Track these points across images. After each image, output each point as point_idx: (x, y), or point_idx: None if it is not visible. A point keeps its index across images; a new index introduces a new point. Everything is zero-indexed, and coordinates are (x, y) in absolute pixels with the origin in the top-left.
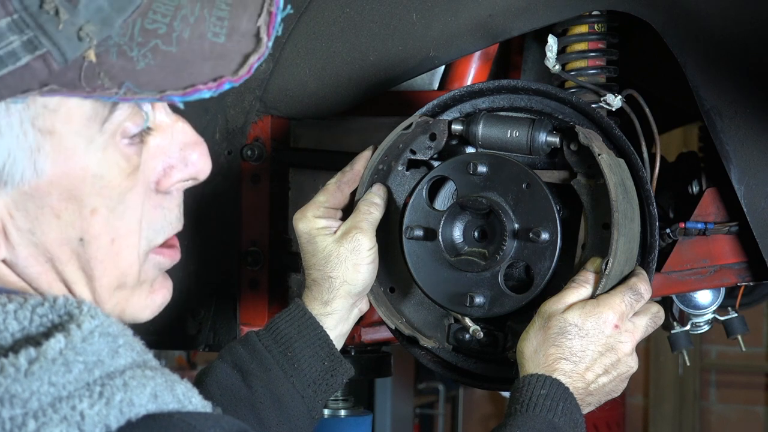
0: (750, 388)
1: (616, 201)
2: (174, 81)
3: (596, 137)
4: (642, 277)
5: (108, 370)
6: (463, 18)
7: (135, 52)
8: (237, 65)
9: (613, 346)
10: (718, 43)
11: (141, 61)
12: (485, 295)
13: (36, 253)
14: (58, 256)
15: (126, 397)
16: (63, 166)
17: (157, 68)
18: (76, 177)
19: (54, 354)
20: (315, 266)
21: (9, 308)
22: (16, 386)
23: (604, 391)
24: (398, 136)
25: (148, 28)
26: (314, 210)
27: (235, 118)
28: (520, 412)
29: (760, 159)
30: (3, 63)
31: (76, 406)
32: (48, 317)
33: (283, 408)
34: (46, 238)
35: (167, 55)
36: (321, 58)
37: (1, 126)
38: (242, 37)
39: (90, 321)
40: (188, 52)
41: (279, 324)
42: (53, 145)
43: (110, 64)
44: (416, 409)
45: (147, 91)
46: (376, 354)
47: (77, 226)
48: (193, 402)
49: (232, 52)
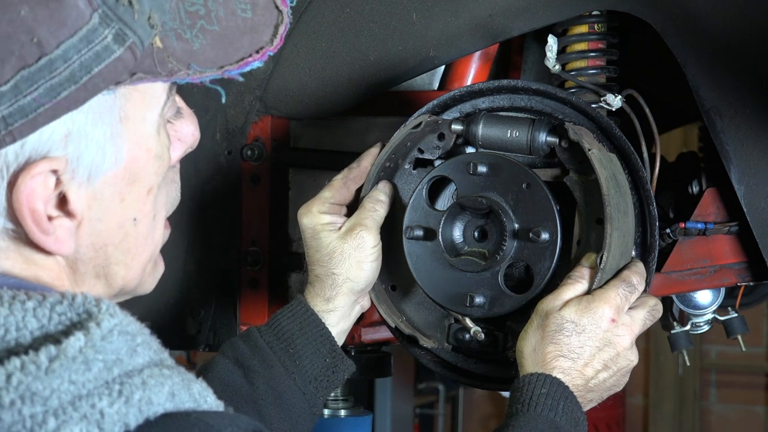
0: (750, 388)
1: (607, 195)
2: (225, 56)
3: (587, 133)
4: (634, 268)
5: (127, 368)
6: (463, 18)
7: (188, 34)
8: (270, 36)
9: (611, 341)
10: (718, 43)
11: (195, 41)
12: (485, 295)
13: (95, 240)
14: (112, 239)
15: (145, 396)
16: (135, 151)
17: (209, 47)
18: (141, 159)
19: (74, 352)
20: (318, 262)
21: (28, 306)
22: (37, 384)
23: (604, 387)
24: (407, 135)
25: (190, 10)
26: (319, 205)
27: (235, 118)
28: (521, 412)
29: (760, 159)
30: (100, 57)
31: (96, 404)
32: (67, 315)
33: (285, 404)
34: (109, 224)
35: (213, 33)
36: (321, 58)
37: (93, 120)
38: (264, 10)
39: (109, 319)
40: (227, 29)
41: (281, 320)
42: (129, 131)
43: (173, 48)
44: (416, 409)
45: (208, 68)
46: (376, 354)
47: (135, 207)
48: (208, 401)
49: (261, 25)
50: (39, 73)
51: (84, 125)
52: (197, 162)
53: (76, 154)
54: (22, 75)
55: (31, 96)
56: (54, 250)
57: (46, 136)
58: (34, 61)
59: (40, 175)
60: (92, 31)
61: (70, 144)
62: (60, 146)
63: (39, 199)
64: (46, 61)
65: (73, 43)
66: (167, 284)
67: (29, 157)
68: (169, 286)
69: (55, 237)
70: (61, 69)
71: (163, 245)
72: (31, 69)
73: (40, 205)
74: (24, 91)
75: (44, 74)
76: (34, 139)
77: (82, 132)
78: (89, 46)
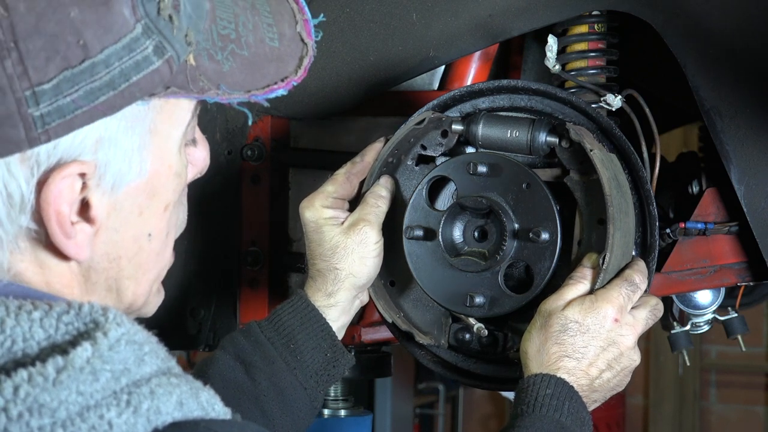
0: (750, 388)
1: (610, 196)
2: (253, 81)
3: (587, 133)
4: (636, 267)
5: (134, 378)
6: (463, 18)
7: (220, 55)
8: (295, 66)
9: (614, 340)
10: (718, 43)
11: (225, 63)
12: (485, 295)
13: (110, 250)
14: (126, 252)
15: (153, 405)
16: (158, 165)
17: (238, 70)
18: (163, 175)
19: (81, 363)
20: (321, 257)
21: (35, 316)
22: (45, 396)
23: (608, 387)
24: (410, 131)
25: (222, 33)
26: (322, 199)
27: (235, 118)
28: (526, 412)
29: (760, 159)
30: (140, 66)
31: (104, 414)
32: (74, 325)
33: (286, 399)
34: (125, 236)
35: (242, 58)
36: (321, 58)
37: (125, 128)
38: (291, 42)
39: (116, 329)
40: (256, 55)
41: (282, 315)
42: (155, 145)
43: (205, 67)
44: (416, 409)
45: (236, 91)
46: (376, 354)
47: (152, 222)
48: (216, 409)
49: (287, 55)
50: (81, 75)
51: (116, 132)
52: None
53: (105, 161)
54: (65, 75)
55: (70, 97)
56: (72, 254)
57: (79, 139)
58: (78, 62)
59: (69, 178)
60: (135, 41)
61: (101, 150)
62: (91, 151)
63: (65, 201)
64: (89, 64)
65: (116, 50)
66: (167, 284)
67: (61, 158)
68: (169, 286)
69: (75, 242)
70: (102, 74)
71: None
72: (74, 70)
73: (65, 207)
74: (65, 91)
75: (86, 77)
76: (67, 141)
77: (113, 139)
78: (131, 54)
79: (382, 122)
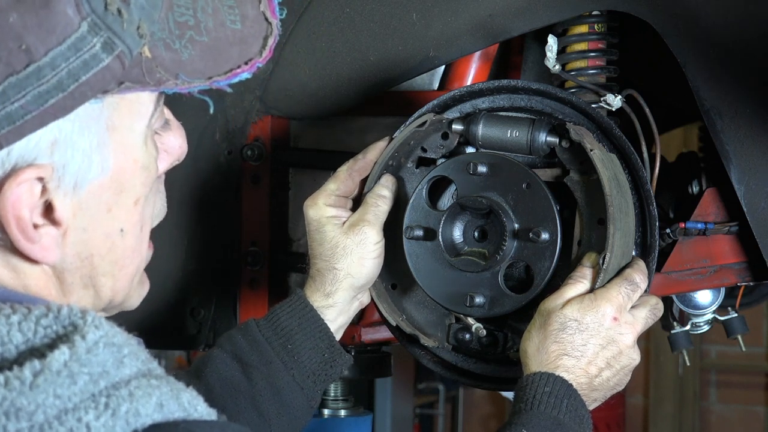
0: (750, 388)
1: (610, 196)
2: (214, 67)
3: (587, 133)
4: (636, 267)
5: (113, 380)
6: (463, 18)
7: (177, 44)
8: (259, 47)
9: (614, 339)
10: (718, 43)
11: (184, 52)
12: (485, 295)
13: (81, 250)
14: (99, 250)
15: (132, 408)
16: (121, 161)
17: (197, 57)
18: (128, 170)
19: (59, 366)
20: (321, 256)
21: (13, 320)
22: (22, 399)
23: (608, 386)
24: (411, 133)
25: (179, 21)
26: (325, 198)
27: (235, 118)
28: (524, 410)
29: (760, 159)
30: (88, 65)
31: (82, 417)
32: (52, 328)
33: (283, 400)
34: (95, 234)
35: (202, 44)
36: (321, 58)
37: (80, 128)
38: (254, 22)
39: (95, 331)
40: (216, 40)
41: (280, 315)
42: (115, 141)
43: (162, 58)
44: (416, 409)
45: (196, 79)
46: (376, 354)
47: (122, 217)
48: (199, 410)
49: (250, 37)
50: (27, 80)
51: (71, 134)
52: (197, 162)
53: (62, 162)
54: (9, 81)
55: (18, 103)
56: (39, 258)
57: (32, 143)
58: (22, 68)
59: (26, 183)
60: (81, 39)
61: (57, 152)
62: (46, 154)
63: (25, 206)
64: (34, 68)
65: (62, 51)
66: (167, 284)
67: (15, 164)
68: (169, 286)
69: (41, 245)
70: (49, 76)
71: (163, 246)
72: (19, 76)
73: (25, 212)
74: (12, 97)
75: (32, 81)
76: (20, 147)
77: (68, 140)
78: (77, 54)
79: (382, 122)
